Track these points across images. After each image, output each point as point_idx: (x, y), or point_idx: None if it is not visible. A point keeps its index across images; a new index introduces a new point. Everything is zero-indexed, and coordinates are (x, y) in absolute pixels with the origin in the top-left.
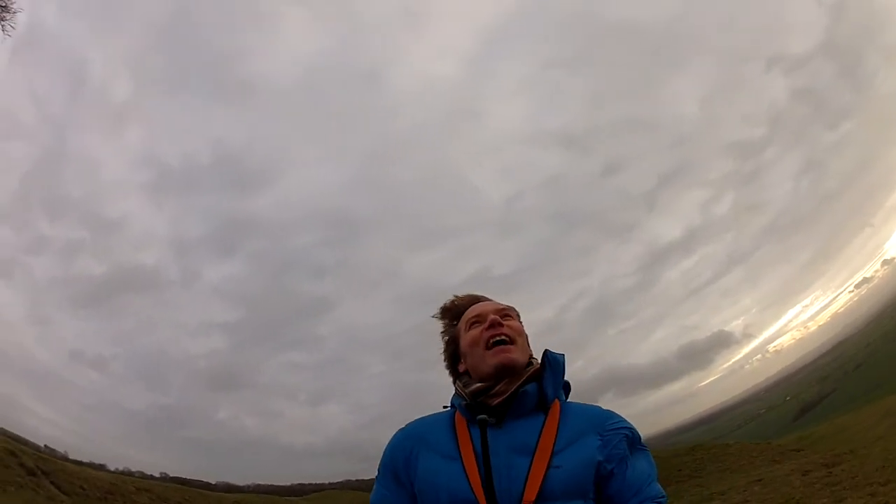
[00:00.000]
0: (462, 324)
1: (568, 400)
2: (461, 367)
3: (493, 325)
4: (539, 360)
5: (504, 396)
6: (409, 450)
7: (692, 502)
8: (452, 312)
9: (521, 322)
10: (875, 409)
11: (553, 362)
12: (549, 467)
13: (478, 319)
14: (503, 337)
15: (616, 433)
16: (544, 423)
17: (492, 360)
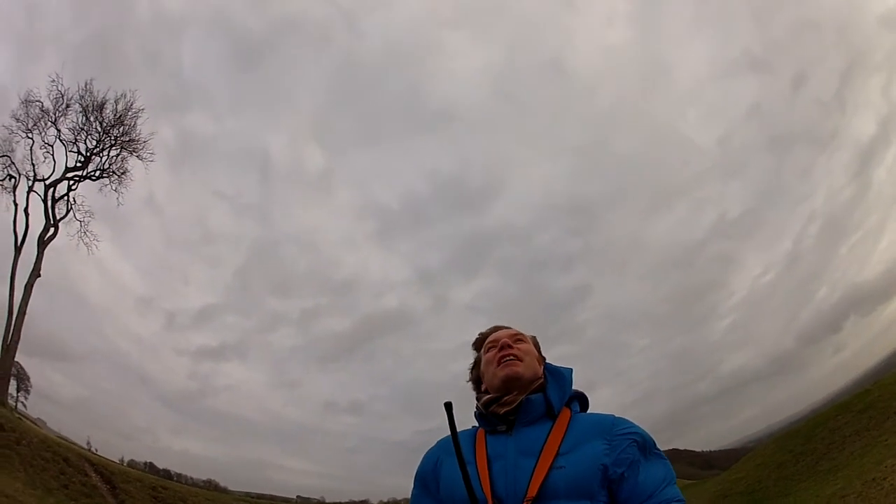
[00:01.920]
0: (482, 349)
1: (587, 412)
2: (483, 388)
3: (504, 346)
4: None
5: (512, 406)
6: (435, 460)
7: None
8: (478, 343)
9: (536, 347)
10: None
11: (555, 373)
12: (551, 468)
13: (493, 344)
14: (511, 356)
15: (624, 438)
16: (551, 428)
17: (500, 373)
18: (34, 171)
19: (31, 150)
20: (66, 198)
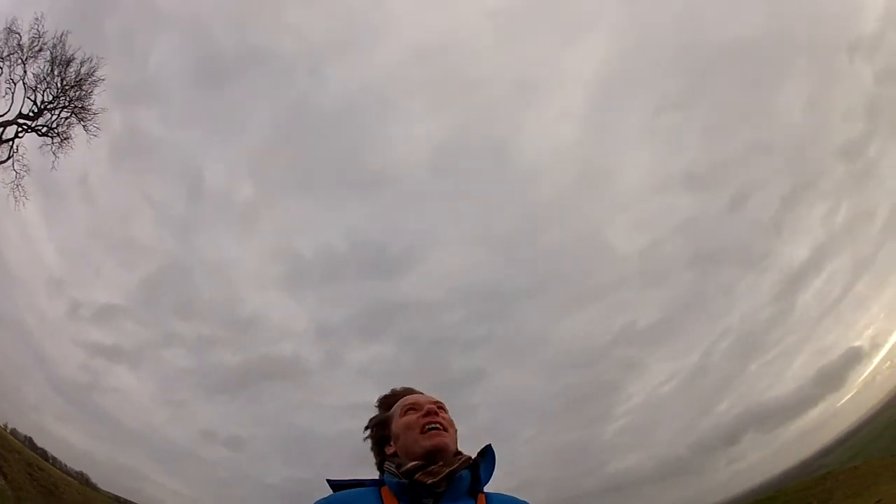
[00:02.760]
0: (397, 409)
1: (487, 489)
2: (389, 450)
3: (430, 412)
4: (465, 455)
5: (439, 478)
6: None
7: None
8: (388, 400)
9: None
10: None
11: (490, 454)
12: None
13: (413, 407)
14: (437, 424)
15: None
16: None
17: (426, 442)
18: None
19: None
20: (11, 143)
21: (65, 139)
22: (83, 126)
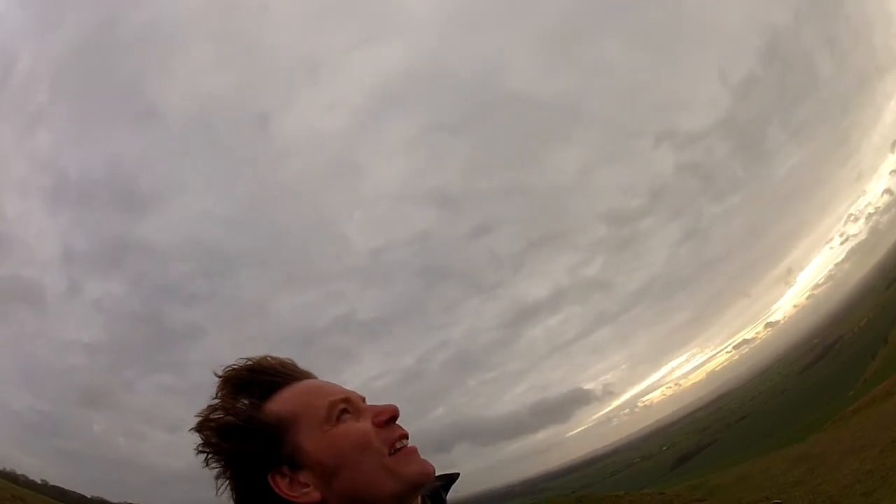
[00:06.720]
0: (303, 409)
1: None
2: (295, 491)
3: (394, 418)
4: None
5: None
6: None
7: None
8: (254, 384)
9: None
10: (780, 456)
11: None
12: None
13: (350, 408)
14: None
15: None
16: None
17: (412, 470)
18: None
19: None
20: None
21: None
22: None
